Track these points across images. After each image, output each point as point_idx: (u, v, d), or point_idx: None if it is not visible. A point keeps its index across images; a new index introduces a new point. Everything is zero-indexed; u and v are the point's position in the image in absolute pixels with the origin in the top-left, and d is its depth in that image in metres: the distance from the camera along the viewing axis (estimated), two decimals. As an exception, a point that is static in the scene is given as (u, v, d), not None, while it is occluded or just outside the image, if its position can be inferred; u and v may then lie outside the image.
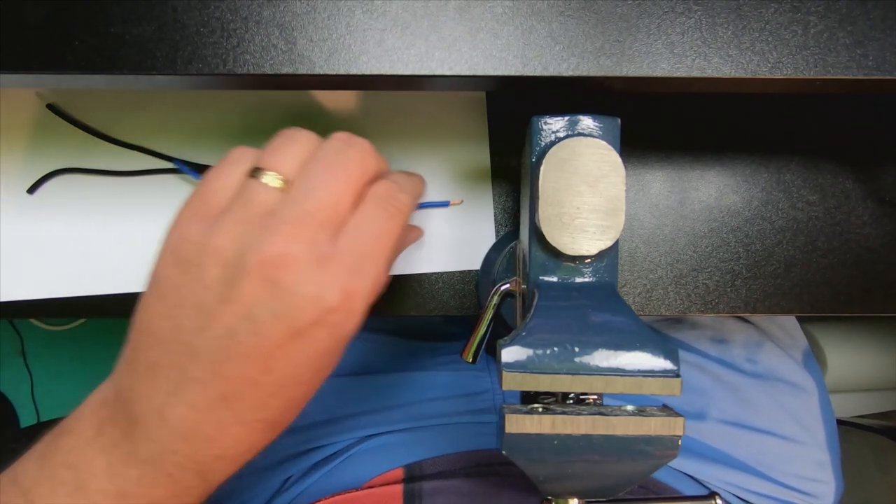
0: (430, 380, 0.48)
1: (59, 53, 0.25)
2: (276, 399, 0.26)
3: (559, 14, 0.25)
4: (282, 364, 0.25)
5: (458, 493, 0.39)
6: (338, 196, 0.26)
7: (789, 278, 0.38)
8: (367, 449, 0.45)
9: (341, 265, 0.25)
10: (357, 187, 0.27)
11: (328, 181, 0.26)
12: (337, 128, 0.37)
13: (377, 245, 0.26)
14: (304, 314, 0.24)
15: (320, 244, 0.25)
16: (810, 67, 0.25)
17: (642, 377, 0.22)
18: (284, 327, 0.24)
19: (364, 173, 0.27)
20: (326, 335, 0.25)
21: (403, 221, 0.28)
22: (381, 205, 0.27)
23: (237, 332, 0.24)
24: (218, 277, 0.24)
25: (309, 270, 0.24)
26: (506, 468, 0.42)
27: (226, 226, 0.25)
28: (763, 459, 0.49)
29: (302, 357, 0.25)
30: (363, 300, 0.26)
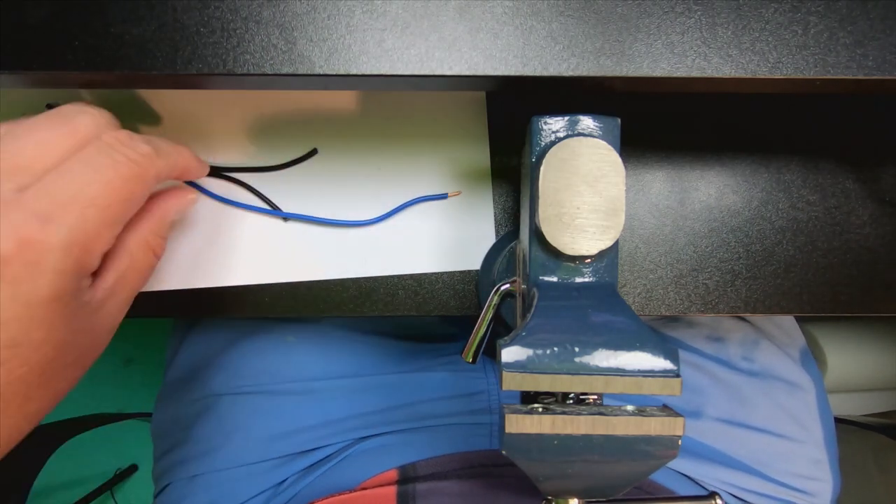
0: (427, 380, 0.48)
1: (59, 53, 0.25)
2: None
3: (559, 14, 0.25)
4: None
5: (452, 494, 0.39)
6: (42, 144, 0.23)
7: (789, 278, 0.38)
8: (362, 450, 0.45)
9: (25, 210, 0.21)
10: (75, 140, 0.24)
11: (34, 130, 0.23)
12: (337, 127, 0.37)
13: (86, 191, 0.23)
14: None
15: (13, 180, 0.22)
16: (810, 67, 0.25)
17: (642, 377, 0.22)
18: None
19: (89, 129, 0.24)
20: (9, 296, 0.21)
21: (135, 174, 0.24)
22: (104, 150, 0.24)
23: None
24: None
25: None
26: (500, 469, 0.42)
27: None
28: (759, 458, 0.49)
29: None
30: (54, 254, 0.22)
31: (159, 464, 0.51)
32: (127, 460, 1.25)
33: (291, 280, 0.37)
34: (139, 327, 1.26)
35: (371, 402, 0.47)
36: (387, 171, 0.37)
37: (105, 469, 1.23)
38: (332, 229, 0.37)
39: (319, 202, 0.37)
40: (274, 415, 0.46)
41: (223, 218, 0.37)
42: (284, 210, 0.37)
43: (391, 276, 0.37)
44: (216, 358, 0.49)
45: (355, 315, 0.37)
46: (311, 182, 0.37)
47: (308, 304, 0.37)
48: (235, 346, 0.49)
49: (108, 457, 1.25)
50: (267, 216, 0.37)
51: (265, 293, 0.37)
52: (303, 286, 0.37)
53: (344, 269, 0.37)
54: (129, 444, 1.26)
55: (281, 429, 0.46)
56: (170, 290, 0.37)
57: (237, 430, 0.46)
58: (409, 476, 0.42)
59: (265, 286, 0.37)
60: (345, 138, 0.37)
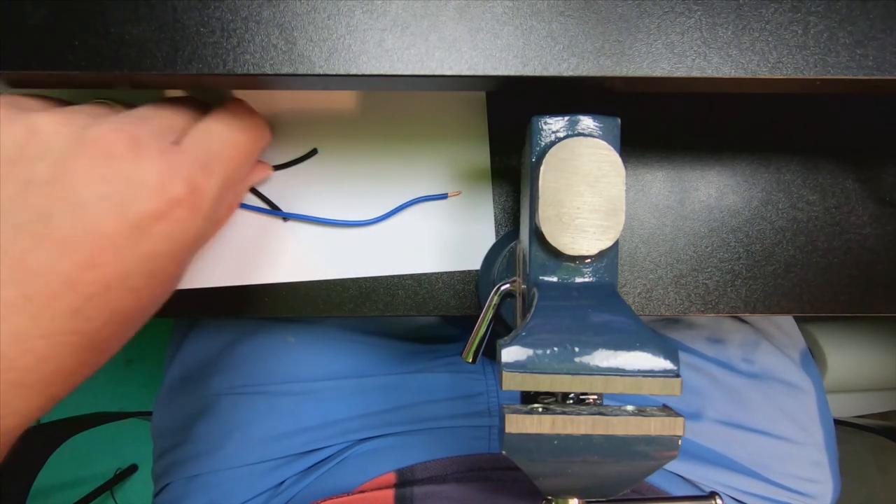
0: (426, 382, 0.48)
1: (59, 53, 0.25)
2: (94, 306, 0.22)
3: (559, 14, 0.25)
4: (110, 259, 0.21)
5: (450, 497, 0.39)
6: (180, 111, 0.26)
7: (789, 278, 0.38)
8: (361, 452, 0.45)
9: (188, 157, 0.23)
10: (199, 109, 0.27)
11: (166, 104, 0.26)
12: (337, 127, 0.37)
13: (226, 149, 0.25)
14: (144, 203, 0.22)
15: (165, 136, 0.23)
16: (810, 67, 0.25)
17: (642, 377, 0.22)
18: (117, 216, 0.21)
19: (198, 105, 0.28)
20: (166, 234, 0.23)
21: (256, 137, 0.27)
22: (232, 114, 0.26)
23: (53, 216, 0.21)
24: (39, 154, 0.21)
25: (152, 156, 0.22)
26: (498, 473, 0.42)
27: (61, 113, 0.23)
28: (759, 460, 0.49)
29: (135, 255, 0.22)
30: (210, 201, 0.24)
31: (159, 463, 0.51)
32: (127, 460, 1.25)
33: (291, 280, 0.37)
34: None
35: (371, 403, 0.47)
36: (387, 170, 0.37)
37: (105, 469, 1.23)
38: (332, 229, 0.37)
39: (319, 202, 0.37)
40: (274, 415, 0.46)
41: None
42: (284, 210, 0.37)
43: (391, 276, 0.37)
44: (216, 358, 0.49)
45: (355, 315, 0.37)
46: (311, 182, 0.37)
47: (308, 304, 0.37)
48: (236, 346, 0.49)
49: (108, 457, 1.25)
50: (267, 216, 0.37)
51: (265, 293, 0.37)
52: (303, 286, 0.37)
53: (344, 269, 0.37)
54: (129, 444, 1.26)
55: (280, 429, 0.46)
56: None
57: (237, 430, 0.46)
58: (407, 479, 0.42)
59: (265, 286, 0.37)
60: (345, 138, 0.37)
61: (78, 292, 0.21)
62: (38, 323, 0.20)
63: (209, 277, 0.37)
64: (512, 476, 0.41)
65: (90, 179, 0.21)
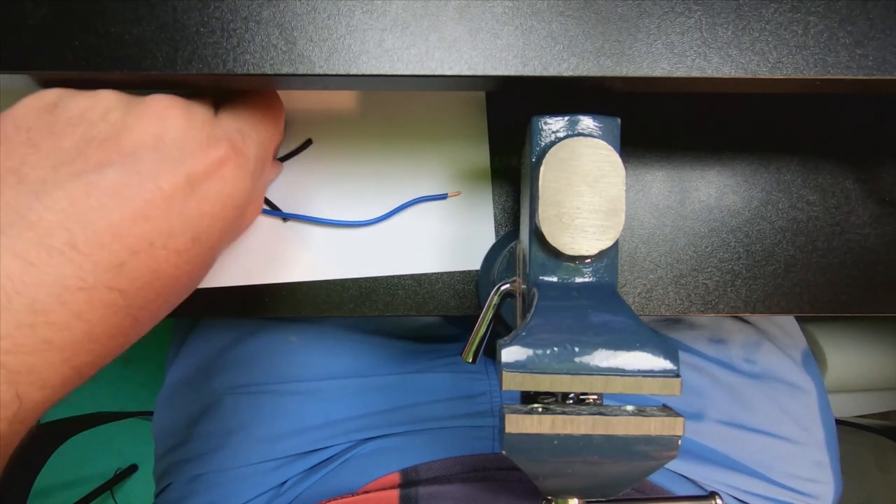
0: (428, 382, 0.48)
1: (59, 53, 0.25)
2: (138, 262, 0.22)
3: (559, 14, 0.25)
4: (159, 213, 0.22)
5: (455, 498, 0.39)
6: (207, 96, 0.28)
7: (789, 278, 0.37)
8: (364, 453, 0.45)
9: (228, 126, 0.26)
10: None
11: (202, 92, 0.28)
12: (336, 128, 0.37)
13: (255, 125, 0.27)
14: (194, 161, 0.23)
15: (207, 108, 0.26)
16: (810, 67, 0.25)
17: (642, 377, 0.22)
18: (169, 170, 0.22)
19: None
20: (214, 192, 0.24)
21: (274, 126, 0.29)
22: (255, 104, 0.28)
23: (108, 168, 0.21)
24: (100, 115, 0.23)
25: (200, 120, 0.25)
26: (502, 473, 0.42)
27: (113, 90, 0.25)
28: (761, 460, 0.49)
29: (183, 211, 0.23)
30: (252, 162, 0.26)
31: (160, 463, 0.51)
32: (127, 460, 1.25)
33: (291, 280, 0.37)
34: (139, 327, 1.26)
35: (373, 403, 0.47)
36: (386, 171, 0.37)
37: (105, 469, 1.23)
38: (332, 230, 0.37)
39: (319, 202, 0.37)
40: (276, 415, 0.46)
41: (223, 218, 0.37)
42: (284, 210, 0.37)
43: (391, 276, 0.37)
44: (218, 358, 0.49)
45: (355, 315, 0.37)
46: (310, 182, 0.37)
47: (308, 304, 0.37)
48: (237, 346, 0.49)
49: (108, 457, 1.25)
50: (267, 217, 0.37)
51: (265, 293, 0.37)
52: (303, 286, 0.37)
53: (344, 269, 0.37)
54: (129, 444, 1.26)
55: (283, 429, 0.46)
56: (170, 290, 0.37)
57: (239, 430, 0.46)
58: (412, 479, 0.42)
59: (265, 286, 0.37)
60: (344, 139, 0.37)
61: (124, 244, 0.21)
62: (80, 273, 0.20)
63: (210, 278, 0.37)
64: (516, 476, 0.41)
65: (146, 136, 0.23)
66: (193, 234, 0.24)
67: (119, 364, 1.27)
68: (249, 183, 0.26)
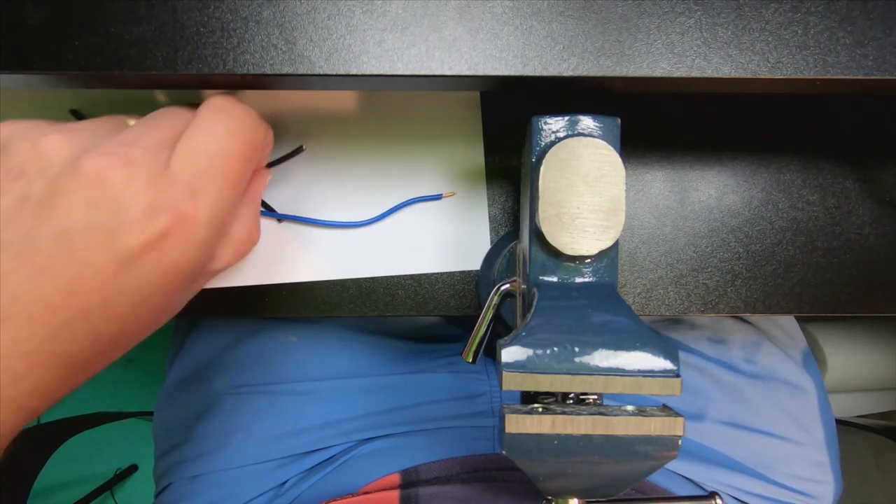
0: (429, 382, 0.48)
1: (59, 53, 0.25)
2: (74, 330, 0.21)
3: (559, 14, 0.25)
4: (93, 287, 0.21)
5: (455, 498, 0.39)
6: (179, 118, 0.25)
7: (789, 278, 0.37)
8: (364, 453, 0.45)
9: (177, 182, 0.22)
10: (189, 115, 0.26)
11: (170, 116, 0.25)
12: (330, 128, 0.37)
13: (215, 161, 0.24)
14: (132, 235, 0.21)
15: (160, 154, 0.23)
16: (810, 67, 0.25)
17: (642, 377, 0.22)
18: (103, 245, 0.21)
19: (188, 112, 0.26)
20: (155, 265, 0.22)
21: (246, 144, 0.25)
22: (216, 118, 0.25)
23: (39, 239, 0.20)
24: (38, 172, 0.22)
25: (141, 183, 0.22)
26: (502, 473, 0.42)
27: (67, 132, 0.23)
28: (761, 460, 0.49)
29: (120, 284, 0.22)
30: (204, 228, 0.23)
31: (160, 463, 0.51)
32: (127, 460, 1.25)
33: (290, 281, 0.37)
34: (139, 327, 1.26)
35: (373, 403, 0.47)
36: (381, 171, 0.37)
37: (105, 469, 1.23)
38: (328, 230, 0.37)
39: (314, 203, 0.37)
40: (276, 415, 0.46)
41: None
42: (280, 211, 0.37)
43: (391, 276, 0.37)
44: (218, 358, 0.49)
45: (355, 315, 0.37)
46: (304, 183, 0.37)
47: (308, 304, 0.37)
48: (237, 346, 0.49)
49: (108, 457, 1.25)
50: (263, 217, 0.37)
51: (265, 293, 0.37)
52: (303, 286, 0.37)
53: (341, 269, 0.37)
54: (129, 444, 1.26)
55: (283, 429, 0.46)
56: (170, 290, 0.37)
57: (239, 430, 0.46)
58: (412, 480, 0.42)
59: (265, 287, 0.37)
60: (339, 139, 0.37)
61: (58, 317, 0.21)
62: (15, 342, 0.20)
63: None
64: (518, 476, 0.41)
65: (79, 204, 0.21)
66: (136, 301, 0.22)
67: (119, 364, 1.27)
68: (200, 251, 0.23)
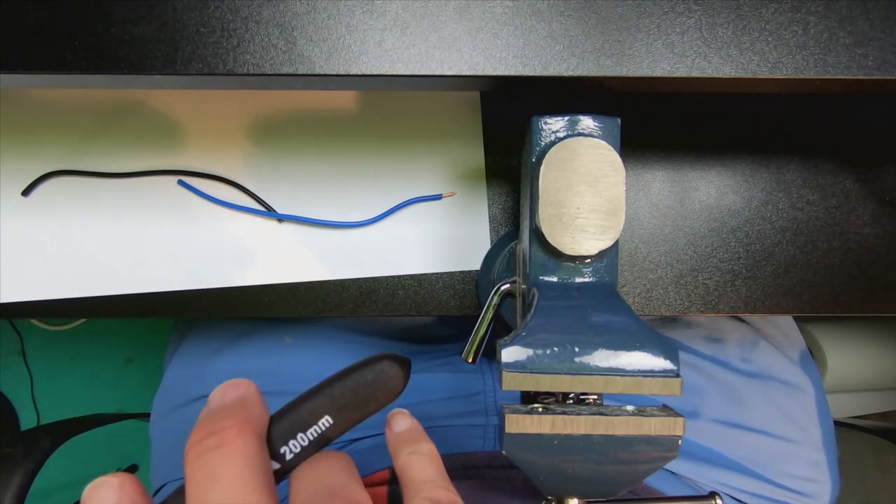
0: (426, 382, 0.48)
1: (59, 53, 0.25)
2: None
3: (559, 14, 0.25)
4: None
5: None
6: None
7: (789, 278, 0.37)
8: (356, 450, 0.45)
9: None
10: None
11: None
12: (334, 126, 0.37)
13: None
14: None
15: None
16: (810, 67, 0.25)
17: (642, 377, 0.22)
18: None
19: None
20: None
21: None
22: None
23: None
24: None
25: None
26: (492, 471, 0.42)
27: None
28: (757, 459, 0.49)
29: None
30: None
31: (156, 464, 0.51)
32: (127, 460, 1.25)
33: (290, 281, 0.37)
34: (139, 327, 1.26)
35: None
36: (381, 171, 0.37)
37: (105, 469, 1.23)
38: (328, 230, 0.37)
39: (314, 203, 0.37)
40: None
41: (220, 220, 0.37)
42: (279, 212, 0.37)
43: (391, 276, 0.37)
44: (214, 358, 0.49)
45: (355, 315, 0.37)
46: (304, 183, 0.37)
47: (308, 304, 0.37)
48: (234, 346, 0.49)
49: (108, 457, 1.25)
50: (262, 218, 0.37)
51: (265, 293, 0.37)
52: (303, 286, 0.37)
53: (341, 269, 0.37)
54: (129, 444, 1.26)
55: None
56: (170, 292, 0.37)
57: (235, 430, 0.46)
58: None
59: (265, 287, 0.37)
60: (339, 139, 0.37)
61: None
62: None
63: (210, 279, 0.37)
64: (506, 475, 0.41)
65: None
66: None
67: (119, 365, 1.27)
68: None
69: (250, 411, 0.20)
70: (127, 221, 0.37)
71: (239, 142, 0.37)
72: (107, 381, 1.27)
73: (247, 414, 0.20)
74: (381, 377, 0.22)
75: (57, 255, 0.37)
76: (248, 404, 0.20)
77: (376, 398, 0.21)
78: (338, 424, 0.21)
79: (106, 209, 0.37)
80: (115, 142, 0.37)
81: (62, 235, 0.37)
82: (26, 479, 0.71)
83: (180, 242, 0.37)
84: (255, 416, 0.20)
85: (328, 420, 0.21)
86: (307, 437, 0.21)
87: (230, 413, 0.20)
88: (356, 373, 0.22)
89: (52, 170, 0.37)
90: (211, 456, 0.19)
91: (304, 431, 0.21)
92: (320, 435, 0.21)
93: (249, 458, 0.19)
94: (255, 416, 0.20)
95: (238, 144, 0.37)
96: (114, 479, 0.20)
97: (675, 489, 0.46)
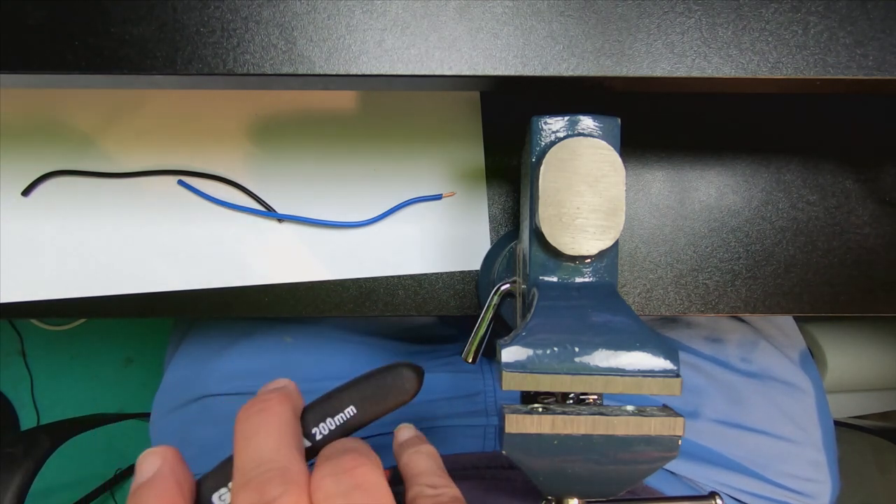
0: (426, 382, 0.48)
1: (59, 53, 0.25)
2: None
3: (559, 14, 0.25)
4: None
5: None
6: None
7: (789, 278, 0.37)
8: None
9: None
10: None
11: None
12: (334, 126, 0.37)
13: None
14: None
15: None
16: (810, 67, 0.25)
17: (642, 377, 0.22)
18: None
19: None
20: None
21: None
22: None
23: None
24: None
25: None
26: (492, 472, 0.42)
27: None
28: (756, 459, 0.49)
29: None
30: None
31: (158, 464, 0.51)
32: (127, 460, 1.25)
33: (290, 281, 0.37)
34: (139, 327, 1.26)
35: None
36: (381, 171, 0.37)
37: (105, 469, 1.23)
38: (328, 230, 0.37)
39: (314, 203, 0.37)
40: (272, 415, 0.46)
41: (220, 220, 0.37)
42: (279, 212, 0.37)
43: (391, 276, 0.37)
44: (214, 358, 0.49)
45: (355, 315, 0.37)
46: (304, 183, 0.37)
47: (308, 304, 0.37)
48: (233, 346, 0.49)
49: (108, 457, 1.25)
50: (262, 218, 0.37)
51: (265, 293, 0.37)
52: (303, 286, 0.37)
53: (341, 269, 0.37)
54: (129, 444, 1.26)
55: None
56: (170, 292, 0.37)
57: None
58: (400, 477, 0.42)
59: (265, 287, 0.37)
60: (339, 139, 0.37)
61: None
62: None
63: (209, 279, 0.37)
64: (505, 475, 0.41)
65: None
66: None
67: (119, 365, 1.27)
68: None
69: (290, 393, 0.25)
70: (127, 221, 0.37)
71: (239, 142, 0.37)
72: (107, 381, 1.27)
73: (287, 393, 0.25)
74: (398, 379, 0.26)
75: (57, 255, 0.37)
76: (287, 389, 0.25)
77: (394, 396, 0.26)
78: (360, 414, 0.25)
79: (106, 209, 0.37)
80: (115, 142, 0.37)
81: (62, 235, 0.37)
82: (26, 479, 0.71)
83: (180, 242, 0.37)
84: (293, 397, 0.25)
85: (353, 409, 0.25)
86: (335, 421, 0.25)
87: (274, 391, 0.25)
88: (378, 374, 0.26)
89: (52, 170, 0.37)
90: (255, 417, 0.24)
91: (333, 417, 0.25)
92: (345, 422, 0.26)
93: (285, 421, 0.24)
94: (293, 396, 0.25)
95: (238, 144, 0.37)
96: (158, 448, 0.25)
97: (675, 489, 0.46)
